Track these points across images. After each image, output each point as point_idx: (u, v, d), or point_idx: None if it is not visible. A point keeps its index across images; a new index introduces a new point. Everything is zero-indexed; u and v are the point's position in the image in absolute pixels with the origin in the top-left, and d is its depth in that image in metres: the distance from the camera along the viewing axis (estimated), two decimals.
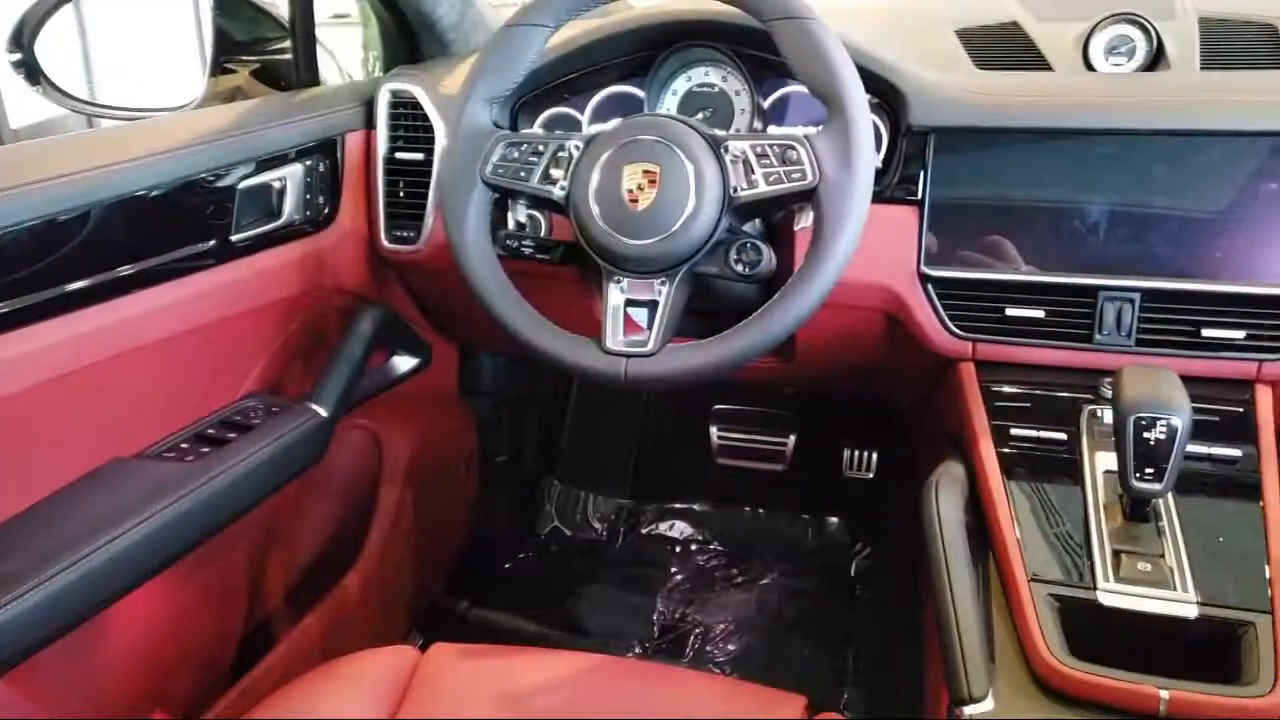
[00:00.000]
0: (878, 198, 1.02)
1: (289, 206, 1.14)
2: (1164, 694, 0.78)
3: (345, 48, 1.58)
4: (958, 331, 1.06)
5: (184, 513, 0.95)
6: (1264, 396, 0.98)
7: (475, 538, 1.83)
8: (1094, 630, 0.85)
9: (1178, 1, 1.17)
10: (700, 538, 1.98)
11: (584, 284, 1.20)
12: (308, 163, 1.17)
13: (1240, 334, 0.98)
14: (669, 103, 1.17)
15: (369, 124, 1.25)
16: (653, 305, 0.94)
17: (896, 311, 1.09)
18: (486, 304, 0.97)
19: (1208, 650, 0.83)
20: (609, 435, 2.09)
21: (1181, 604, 0.83)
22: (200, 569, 1.12)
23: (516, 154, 0.97)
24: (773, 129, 1.15)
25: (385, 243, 1.25)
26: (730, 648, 1.70)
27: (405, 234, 1.24)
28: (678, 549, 1.96)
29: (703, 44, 1.13)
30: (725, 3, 0.94)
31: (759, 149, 0.91)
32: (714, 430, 1.89)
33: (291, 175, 1.14)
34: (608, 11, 1.13)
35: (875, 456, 1.84)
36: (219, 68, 1.39)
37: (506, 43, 0.98)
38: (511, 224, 1.11)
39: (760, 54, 1.10)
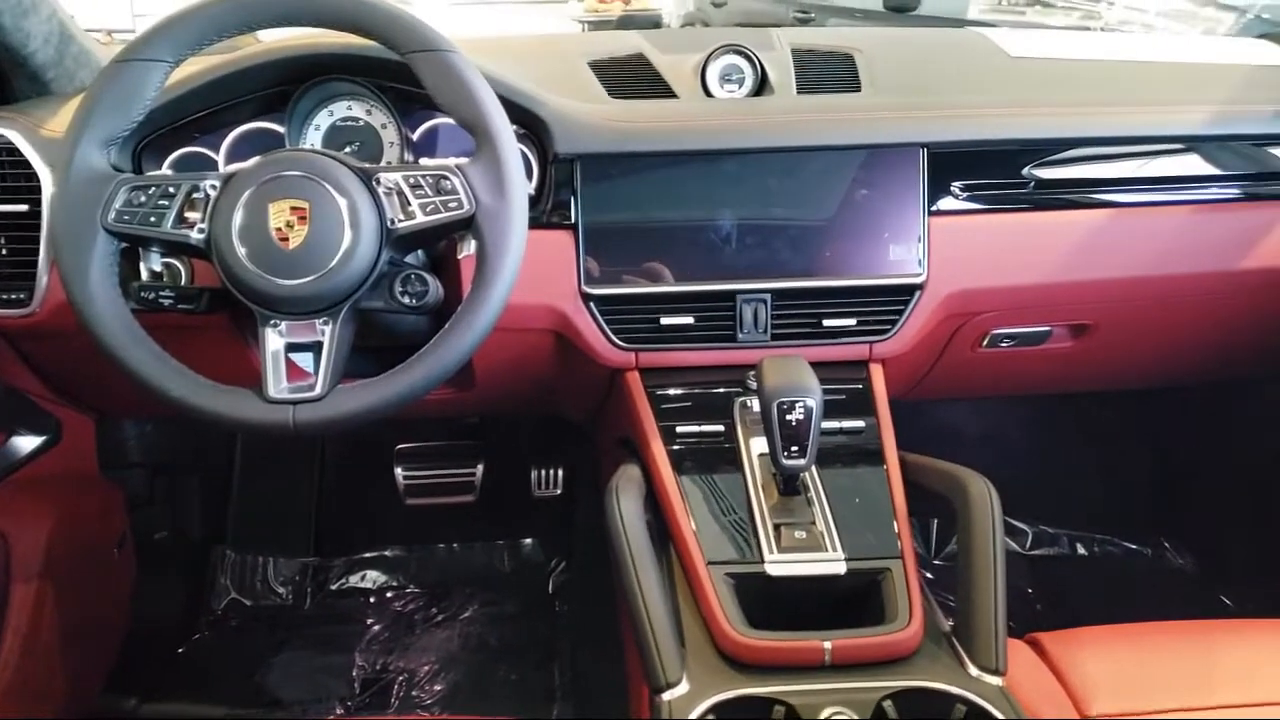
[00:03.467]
0: (535, 223, 1.05)
1: None
2: (827, 645, 0.87)
3: None
4: (620, 343, 1.12)
5: None
6: (877, 373, 1.14)
7: (139, 627, 1.64)
8: (766, 600, 0.93)
9: (774, 35, 1.32)
10: (395, 583, 1.92)
11: (238, 332, 1.13)
12: None
13: (853, 321, 1.13)
14: (312, 138, 1.14)
15: None
16: (317, 347, 0.90)
17: (564, 330, 1.13)
18: (124, 364, 0.88)
19: (859, 599, 0.95)
20: (283, 492, 1.97)
21: (833, 563, 0.94)
22: None
23: (143, 198, 0.89)
24: (425, 160, 1.15)
25: None
26: (437, 688, 1.67)
27: (13, 296, 1.10)
28: (372, 599, 1.89)
29: (342, 77, 1.11)
30: (361, 35, 0.93)
31: (412, 180, 0.90)
32: (399, 471, 1.85)
33: None
34: (235, 46, 1.07)
35: (562, 473, 1.89)
36: None
37: (120, 79, 0.90)
38: (145, 275, 1.01)
39: (403, 86, 1.09)
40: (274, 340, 0.89)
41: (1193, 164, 1.19)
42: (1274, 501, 1.68)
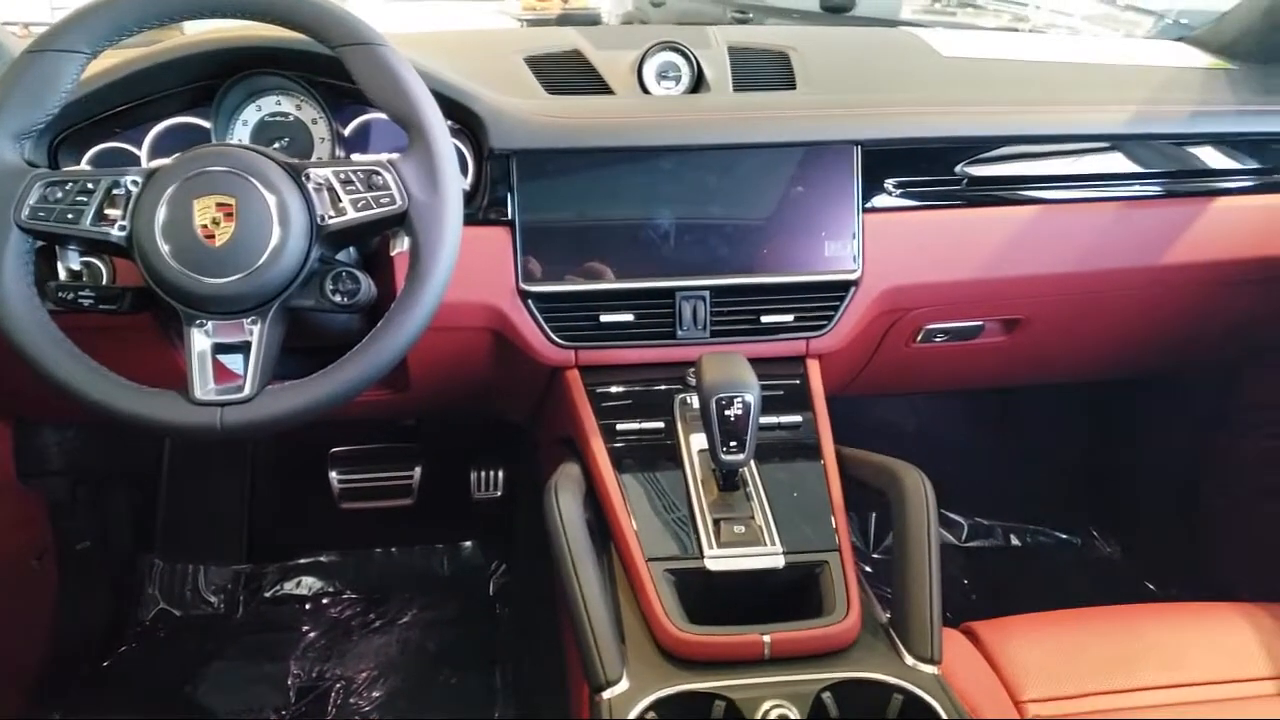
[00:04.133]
0: (471, 220, 1.04)
1: None
2: (766, 638, 0.88)
3: None
4: (560, 341, 1.11)
5: None
6: (814, 369, 1.15)
7: (63, 639, 1.58)
8: (707, 595, 0.94)
9: (711, 33, 1.32)
10: (331, 589, 1.88)
11: (162, 333, 1.09)
12: None
13: (790, 317, 1.14)
14: (240, 133, 1.11)
15: None
16: (245, 347, 0.88)
17: (502, 328, 1.12)
18: (40, 366, 0.85)
19: (798, 592, 0.95)
20: (214, 498, 1.92)
21: (772, 557, 0.95)
22: None
23: (60, 194, 0.86)
24: (356, 156, 1.13)
25: None
26: (375, 694, 1.64)
27: None
28: (308, 606, 1.85)
29: (271, 71, 1.08)
30: (289, 28, 0.91)
31: (343, 175, 0.89)
32: (334, 475, 1.81)
33: None
34: (156, 38, 1.04)
35: (502, 474, 1.87)
36: None
37: (32, 71, 0.87)
38: (64, 274, 0.97)
39: (334, 81, 1.07)
40: (200, 341, 0.87)
41: (1117, 162, 1.22)
42: (1194, 490, 1.74)
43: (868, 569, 1.90)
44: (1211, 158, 1.25)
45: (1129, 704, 0.99)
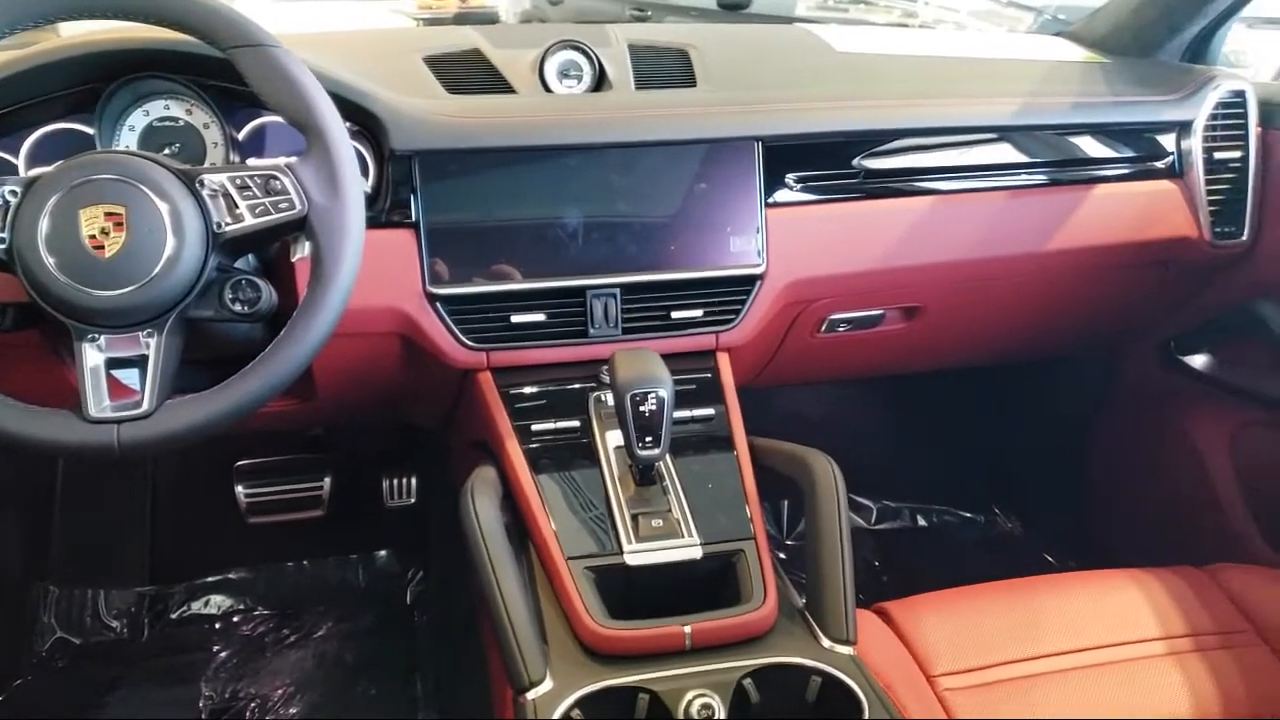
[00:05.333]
0: (374, 223, 1.02)
1: None
2: (687, 629, 0.89)
3: None
4: (470, 343, 1.10)
5: None
6: (725, 362, 1.16)
7: None
8: (627, 590, 0.94)
9: (610, 31, 1.33)
10: (242, 606, 1.83)
11: (51, 350, 1.05)
12: None
13: (700, 312, 1.15)
14: (126, 140, 1.06)
15: None
16: (142, 361, 0.85)
17: (410, 333, 1.10)
18: None
19: (716, 582, 0.97)
20: (112, 519, 1.85)
21: (689, 548, 0.96)
22: None
23: None
24: (252, 160, 1.10)
25: None
26: (292, 711, 1.60)
27: None
28: (218, 625, 1.79)
29: (158, 75, 1.05)
30: (176, 30, 0.88)
31: (239, 181, 0.86)
32: (240, 489, 1.76)
33: None
34: (28, 41, 0.99)
35: (415, 481, 1.85)
36: None
37: None
38: None
39: (225, 84, 1.04)
40: (93, 356, 0.83)
41: (1004, 152, 1.27)
42: (1083, 466, 1.83)
43: (783, 556, 1.94)
44: (1090, 147, 1.31)
45: (1033, 670, 1.04)
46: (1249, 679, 1.03)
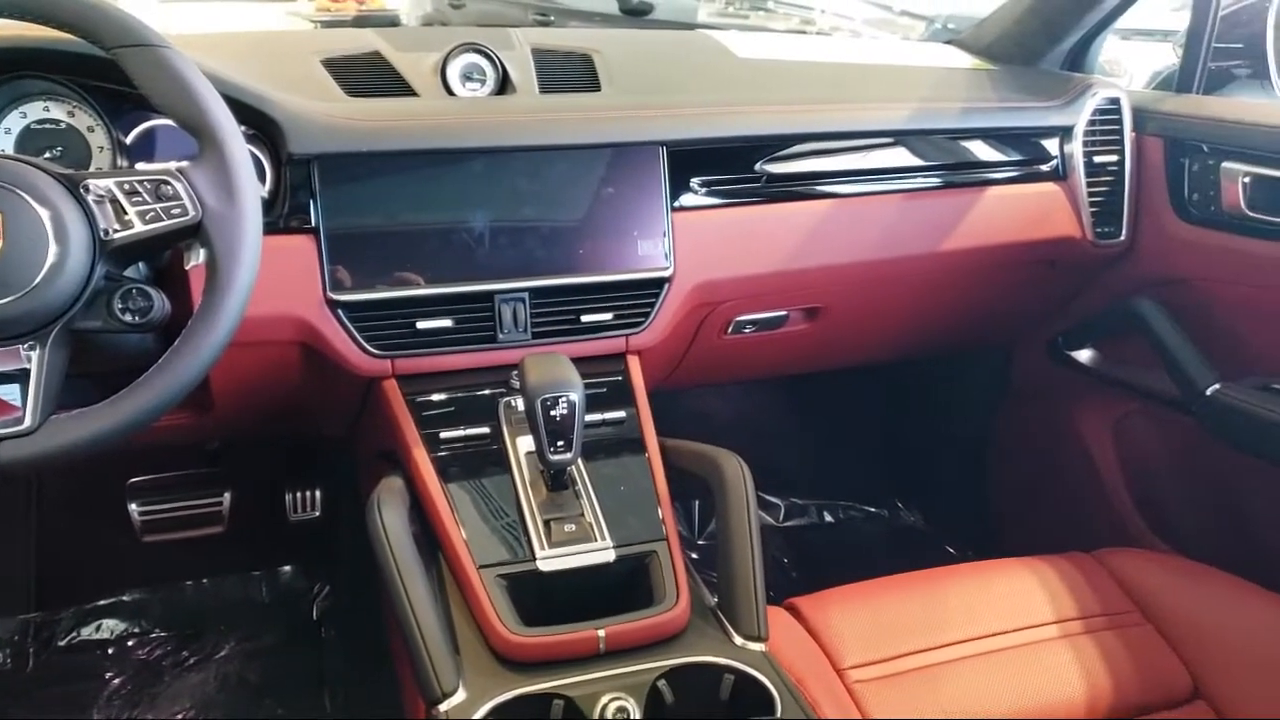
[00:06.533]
0: (271, 229, 1.00)
1: None
2: (601, 633, 0.89)
3: None
4: (375, 351, 1.08)
5: None
6: (635, 365, 1.17)
7: None
8: (541, 597, 0.94)
9: (514, 35, 1.32)
10: (137, 629, 1.75)
11: None
12: None
13: (609, 315, 1.15)
14: (3, 143, 1.01)
15: None
16: (23, 375, 0.81)
17: (311, 341, 1.08)
18: None
19: (630, 584, 0.97)
20: None
21: (602, 552, 0.96)
22: None
23: None
24: (142, 165, 1.06)
25: None
26: None
27: None
28: (111, 650, 1.71)
29: (36, 75, 1.00)
30: (57, 28, 0.84)
31: (128, 186, 0.83)
32: (134, 508, 1.68)
33: None
34: None
35: (320, 493, 1.80)
36: None
37: None
38: None
39: (111, 85, 1.00)
40: None
41: (900, 156, 1.31)
42: (981, 460, 1.90)
43: (695, 555, 1.95)
44: (981, 150, 1.36)
45: (938, 659, 1.07)
46: (1136, 658, 1.09)
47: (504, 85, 1.22)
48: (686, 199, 1.19)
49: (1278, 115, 1.30)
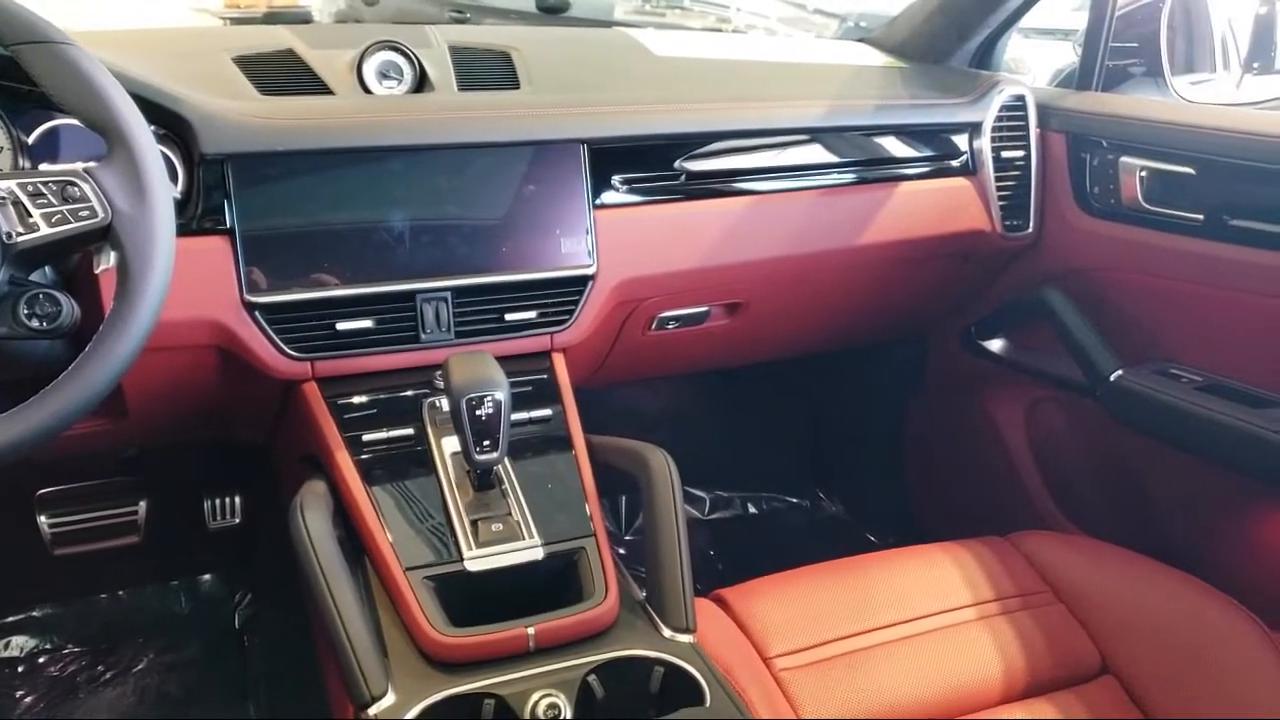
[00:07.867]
0: (185, 230, 0.97)
1: None
2: (530, 630, 0.90)
3: None
4: (293, 353, 1.06)
5: None
6: (560, 362, 1.17)
7: None
8: (470, 597, 0.94)
9: (430, 32, 1.31)
10: (49, 645, 1.69)
11: None
12: None
13: (533, 314, 1.15)
14: None
15: None
16: None
17: (228, 344, 1.05)
18: None
19: (558, 582, 0.98)
20: None
21: (531, 550, 0.96)
22: None
23: None
24: (46, 166, 1.02)
25: None
26: None
27: None
28: (20, 668, 1.65)
29: None
30: None
31: (31, 188, 0.80)
32: (43, 520, 1.62)
33: None
34: None
35: (239, 500, 1.76)
36: None
37: None
38: None
39: (10, 84, 0.96)
40: None
41: (815, 153, 1.34)
42: (899, 449, 1.95)
43: (622, 551, 1.97)
44: (893, 147, 1.40)
45: (861, 645, 1.10)
46: (1049, 637, 1.13)
47: (422, 83, 1.20)
48: (608, 197, 1.20)
49: (1172, 112, 1.36)
